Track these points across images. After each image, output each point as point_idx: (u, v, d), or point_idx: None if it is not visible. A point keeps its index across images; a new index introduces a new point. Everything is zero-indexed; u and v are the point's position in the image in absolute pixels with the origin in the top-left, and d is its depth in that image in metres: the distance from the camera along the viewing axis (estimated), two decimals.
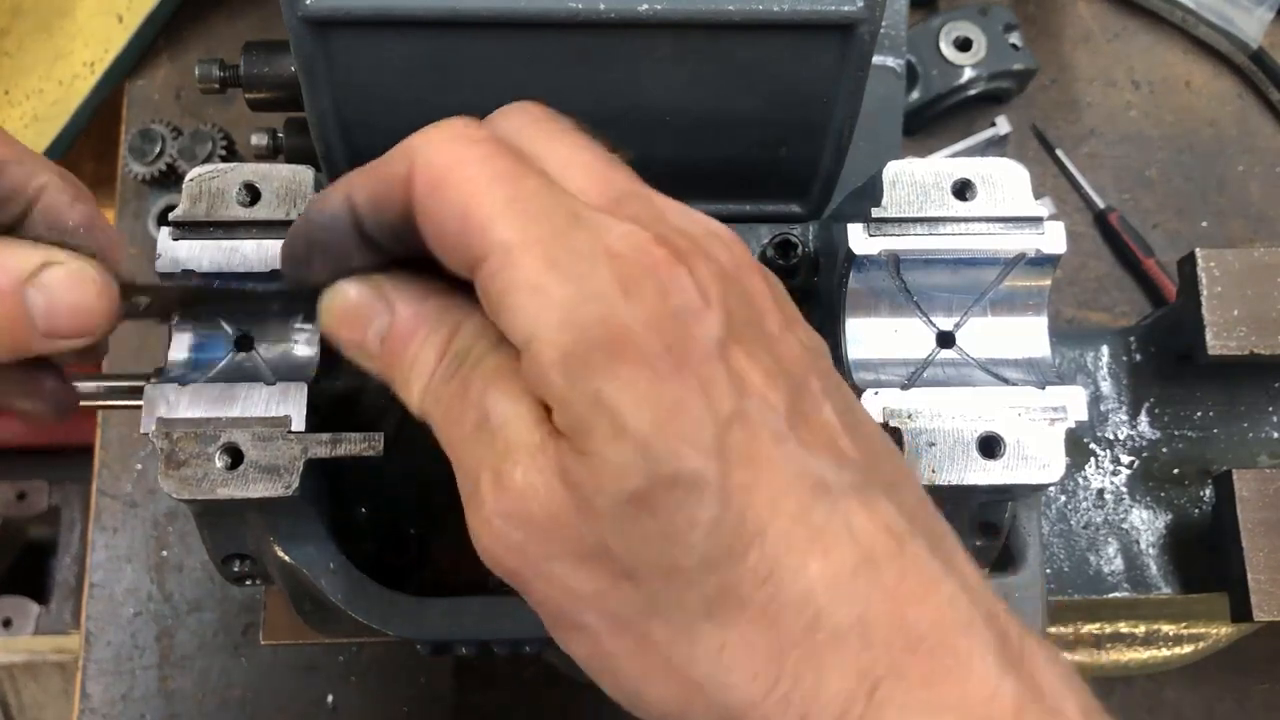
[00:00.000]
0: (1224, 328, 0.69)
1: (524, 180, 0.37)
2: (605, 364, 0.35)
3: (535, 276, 0.36)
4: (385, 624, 0.57)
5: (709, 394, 0.35)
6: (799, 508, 0.36)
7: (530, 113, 0.42)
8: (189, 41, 1.02)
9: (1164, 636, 0.83)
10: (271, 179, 0.51)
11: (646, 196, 0.40)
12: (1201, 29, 1.02)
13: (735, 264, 0.39)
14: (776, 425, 0.36)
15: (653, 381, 0.35)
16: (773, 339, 0.39)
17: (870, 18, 0.53)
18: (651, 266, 0.36)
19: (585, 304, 0.35)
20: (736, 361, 0.37)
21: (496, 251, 0.36)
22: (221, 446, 0.49)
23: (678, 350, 0.35)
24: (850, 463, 0.38)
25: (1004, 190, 0.52)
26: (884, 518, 0.37)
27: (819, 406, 0.39)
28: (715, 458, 0.35)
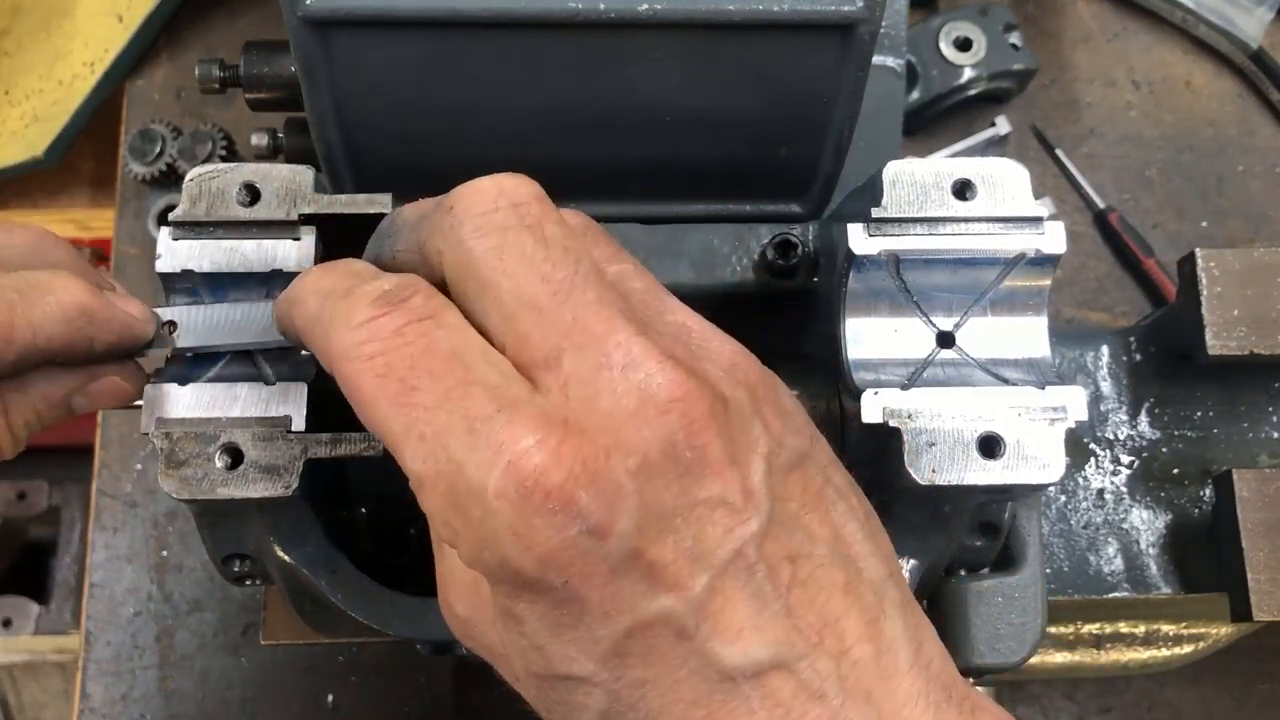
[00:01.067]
0: (1224, 328, 0.69)
1: (418, 395, 0.37)
2: (508, 592, 0.38)
3: (443, 513, 0.37)
4: (385, 624, 0.57)
5: (606, 613, 0.37)
6: (697, 696, 0.38)
7: (497, 218, 0.39)
8: (189, 41, 1.02)
9: (1164, 636, 0.83)
10: (271, 179, 0.51)
11: (593, 340, 0.38)
12: (1201, 29, 1.02)
13: (673, 424, 0.37)
14: (684, 621, 0.37)
15: (551, 604, 0.37)
16: (707, 513, 0.38)
17: (870, 18, 0.53)
18: (540, 500, 0.36)
19: (484, 548, 0.37)
20: (648, 563, 0.37)
21: (410, 472, 0.38)
22: (221, 446, 0.49)
23: (575, 579, 0.36)
24: (769, 643, 0.38)
25: (1004, 190, 0.52)
26: (795, 694, 0.38)
27: (747, 580, 0.38)
28: (607, 664, 0.38)
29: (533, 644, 0.38)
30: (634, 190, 0.62)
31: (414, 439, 0.37)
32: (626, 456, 0.36)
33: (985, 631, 0.61)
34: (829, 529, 0.41)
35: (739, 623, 0.38)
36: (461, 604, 0.42)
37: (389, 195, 0.50)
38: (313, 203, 0.51)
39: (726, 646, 0.37)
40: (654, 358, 0.37)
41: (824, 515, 0.41)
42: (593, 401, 0.37)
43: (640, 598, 0.37)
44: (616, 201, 0.62)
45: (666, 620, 0.37)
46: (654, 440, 0.37)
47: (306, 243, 0.50)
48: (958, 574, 0.62)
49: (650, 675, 0.38)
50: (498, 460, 0.36)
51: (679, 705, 0.38)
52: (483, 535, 0.36)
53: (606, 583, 0.37)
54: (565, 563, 0.36)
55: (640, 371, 0.37)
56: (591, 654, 0.38)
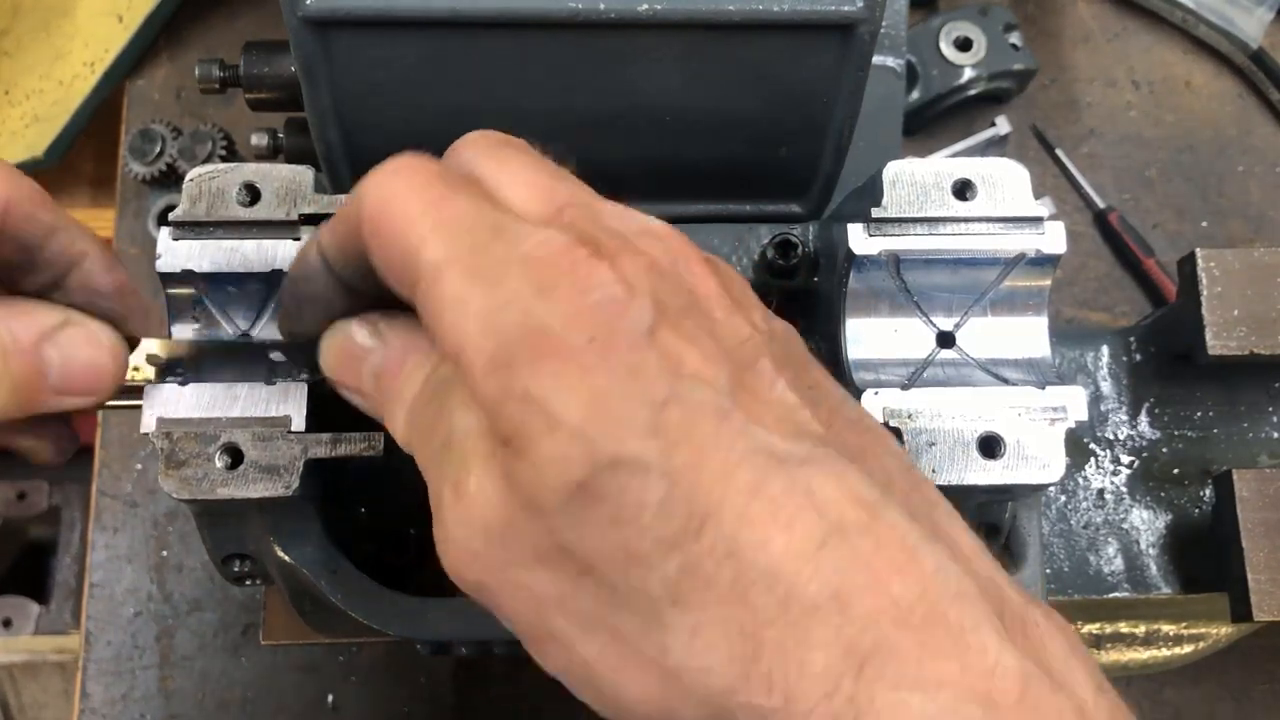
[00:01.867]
0: (1224, 328, 0.69)
1: (452, 202, 0.38)
2: (529, 363, 0.35)
3: (457, 290, 0.36)
4: (385, 624, 0.57)
5: (639, 379, 0.35)
6: (752, 482, 0.35)
7: (481, 140, 0.43)
8: (189, 41, 1.02)
9: (1164, 636, 0.83)
10: (271, 179, 0.51)
11: (586, 204, 0.40)
12: (1201, 29, 1.02)
13: (671, 256, 0.39)
14: (718, 402, 0.36)
15: (579, 373, 0.35)
16: (714, 323, 0.39)
17: (870, 18, 0.53)
18: (569, 266, 0.36)
19: (503, 309, 0.35)
20: (669, 346, 0.36)
21: (426, 272, 0.37)
22: (221, 446, 0.49)
23: (601, 340, 0.35)
24: (809, 435, 0.37)
25: (1004, 190, 0.52)
26: (850, 486, 0.36)
27: (770, 383, 0.38)
28: (654, 438, 0.34)
29: (570, 429, 0.34)
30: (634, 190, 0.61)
31: (440, 233, 0.37)
32: (637, 255, 0.37)
33: None
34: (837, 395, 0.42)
35: (774, 416, 0.37)
36: (474, 474, 0.37)
37: None
38: (313, 203, 0.51)
39: (769, 434, 0.36)
40: (639, 216, 0.41)
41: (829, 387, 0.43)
42: (602, 219, 0.39)
43: (667, 374, 0.35)
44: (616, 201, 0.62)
45: (701, 399, 0.35)
46: (659, 252, 0.39)
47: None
48: None
49: (700, 457, 0.35)
50: (522, 238, 0.37)
51: (736, 495, 0.34)
52: (504, 296, 0.36)
53: (630, 350, 0.35)
54: (590, 322, 0.35)
55: (634, 216, 0.41)
56: (634, 426, 0.34)
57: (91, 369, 0.48)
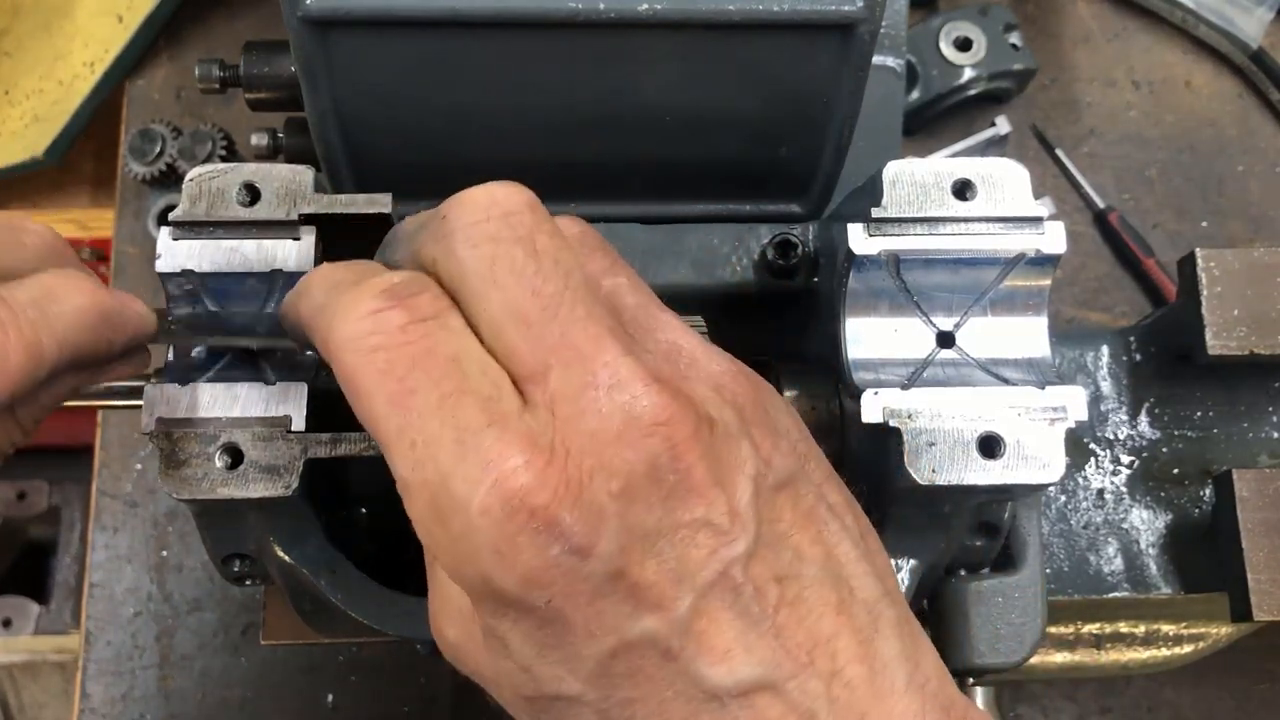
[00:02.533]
0: (1224, 328, 0.69)
1: (414, 398, 0.37)
2: (490, 611, 0.38)
3: (426, 519, 0.38)
4: (385, 624, 0.57)
5: (590, 633, 0.37)
6: (684, 715, 0.38)
7: (492, 230, 0.39)
8: (189, 41, 1.02)
9: (1164, 636, 0.83)
10: (271, 179, 0.51)
11: (580, 358, 0.37)
12: (1201, 29, 1.02)
13: (650, 463, 0.37)
14: (669, 642, 0.37)
15: (534, 624, 0.37)
16: (691, 533, 0.38)
17: (870, 18, 0.53)
18: (524, 520, 0.36)
19: (466, 565, 0.37)
20: (631, 583, 0.37)
21: (399, 474, 0.38)
22: (221, 446, 0.49)
23: (558, 598, 0.36)
24: (755, 662, 0.38)
25: (1004, 190, 0.52)
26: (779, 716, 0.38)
27: (733, 600, 0.38)
28: (594, 684, 0.38)
29: (519, 665, 0.38)
30: (634, 190, 0.62)
31: (405, 444, 0.37)
32: (610, 479, 0.36)
33: (985, 631, 0.61)
34: (821, 548, 0.41)
35: (725, 643, 0.38)
36: (452, 628, 0.42)
37: (389, 195, 0.50)
38: (313, 203, 0.51)
39: (712, 667, 0.37)
40: (640, 379, 0.37)
41: (815, 534, 0.41)
42: (578, 421, 0.37)
43: (624, 618, 0.37)
44: (616, 201, 0.62)
45: (651, 641, 0.37)
46: (637, 462, 0.37)
47: (306, 243, 0.50)
48: (957, 574, 0.62)
49: (638, 695, 0.38)
50: (484, 477, 0.36)
51: None
52: (465, 550, 0.37)
53: (589, 603, 0.37)
54: (547, 582, 0.36)
55: (626, 393, 0.37)
56: (578, 673, 0.38)
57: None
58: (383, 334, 0.38)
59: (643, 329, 0.41)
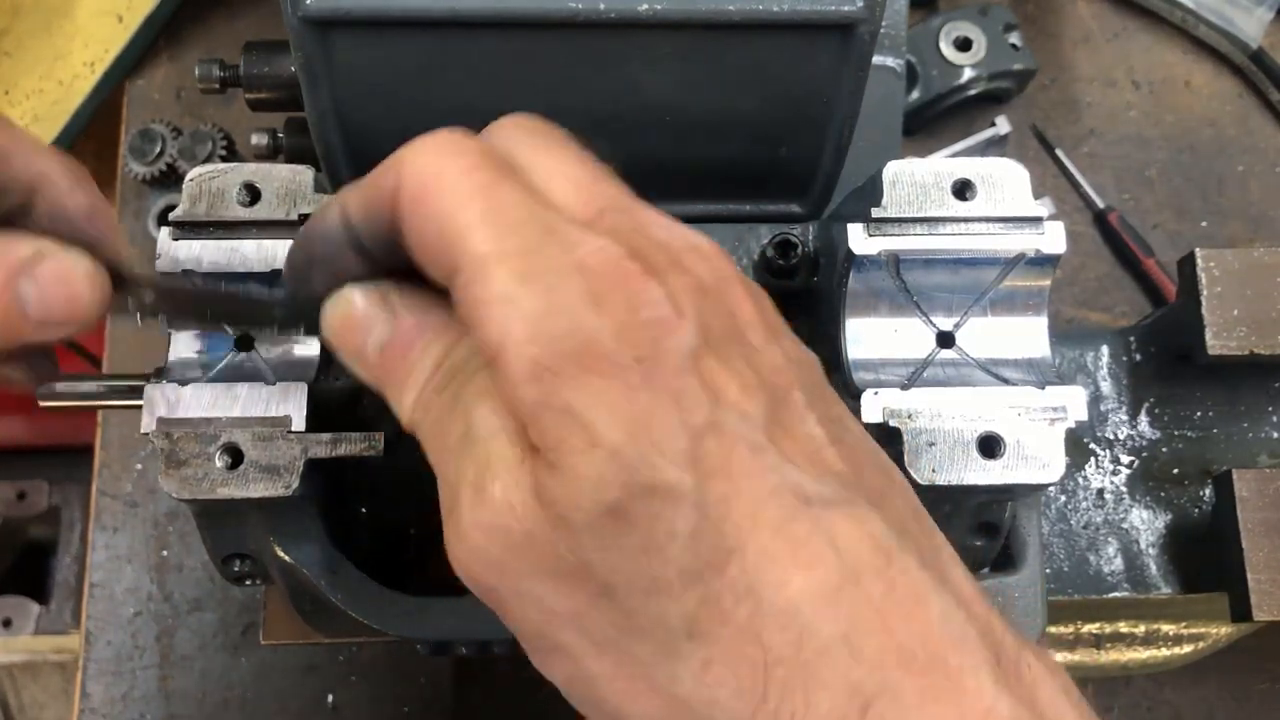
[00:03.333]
0: (1224, 328, 0.69)
1: (502, 193, 0.37)
2: (575, 375, 0.35)
3: (506, 289, 0.35)
4: (385, 624, 0.57)
5: (682, 405, 0.35)
6: (779, 520, 0.35)
7: (523, 125, 0.42)
8: (189, 41, 1.02)
9: (1164, 636, 0.83)
10: (271, 179, 0.51)
11: (629, 209, 0.40)
12: (1201, 29, 1.02)
13: (716, 277, 0.39)
14: (754, 436, 0.36)
15: (624, 392, 0.34)
16: (753, 351, 0.38)
17: (870, 18, 0.53)
18: (622, 279, 0.36)
19: (554, 316, 0.35)
20: (711, 373, 0.36)
21: (471, 263, 0.36)
22: (221, 446, 0.49)
23: (649, 361, 0.35)
24: (835, 475, 0.38)
25: (1004, 190, 0.52)
26: (870, 531, 0.36)
27: (802, 418, 0.38)
28: (691, 468, 0.35)
29: (610, 449, 0.34)
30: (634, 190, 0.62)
31: (489, 223, 0.36)
32: (685, 274, 0.37)
33: None
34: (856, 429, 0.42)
35: (804, 454, 0.37)
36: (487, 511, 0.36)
37: None
38: (313, 203, 0.51)
39: (799, 472, 0.36)
40: (673, 223, 0.40)
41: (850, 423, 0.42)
42: (648, 230, 0.39)
43: (707, 405, 0.36)
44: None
45: (738, 431, 0.36)
46: (704, 272, 0.38)
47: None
48: None
49: (733, 489, 0.35)
50: (575, 244, 0.36)
51: (763, 533, 0.35)
52: (556, 302, 0.35)
53: (677, 374, 0.35)
54: (640, 340, 0.35)
55: (679, 229, 0.40)
56: (673, 453, 0.34)
57: (69, 300, 0.45)
58: (462, 147, 0.38)
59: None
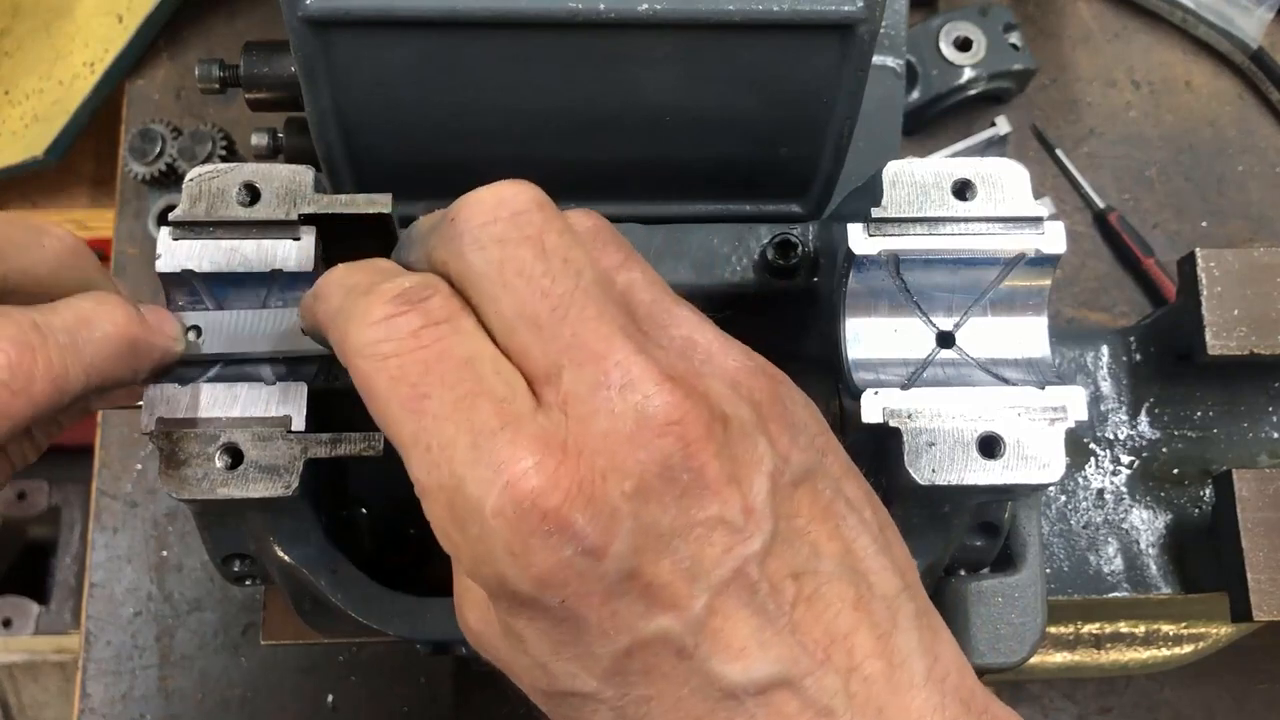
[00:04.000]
0: (1224, 328, 0.69)
1: (428, 403, 0.38)
2: (507, 609, 0.38)
3: (443, 523, 0.38)
4: (385, 624, 0.57)
5: (605, 631, 0.37)
6: (699, 716, 0.38)
7: (493, 232, 0.39)
8: (189, 41, 1.02)
9: (1164, 636, 0.83)
10: (271, 179, 0.51)
11: (590, 357, 0.38)
12: (1201, 29, 1.02)
13: (670, 446, 0.37)
14: (683, 640, 0.37)
15: (550, 623, 0.38)
16: (705, 532, 0.38)
17: (870, 18, 0.53)
18: (537, 521, 0.36)
19: (481, 565, 0.37)
20: (645, 584, 0.37)
21: (415, 477, 0.38)
22: (221, 446, 0.49)
23: (572, 598, 0.37)
24: (771, 659, 0.38)
25: (1004, 190, 0.52)
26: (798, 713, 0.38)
27: (748, 599, 0.38)
28: (609, 681, 0.38)
29: (535, 661, 0.39)
30: (634, 190, 0.62)
31: (421, 449, 0.38)
32: (623, 480, 0.36)
33: (985, 631, 0.61)
34: (838, 543, 0.40)
35: (740, 641, 0.38)
36: (473, 617, 0.42)
37: (389, 195, 0.50)
38: (313, 203, 0.51)
39: (728, 665, 0.37)
40: (652, 378, 0.37)
41: (833, 530, 0.40)
42: (590, 421, 0.37)
43: (638, 618, 0.37)
44: (617, 201, 0.62)
45: (665, 640, 0.37)
46: (650, 463, 0.37)
47: (306, 243, 0.50)
48: (958, 574, 0.62)
49: (653, 693, 0.38)
50: (497, 480, 0.36)
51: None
52: (480, 552, 0.37)
53: (604, 603, 0.37)
54: (561, 582, 0.36)
55: (638, 392, 0.37)
56: (593, 671, 0.38)
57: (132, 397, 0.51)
58: (395, 340, 0.38)
59: (657, 325, 0.41)
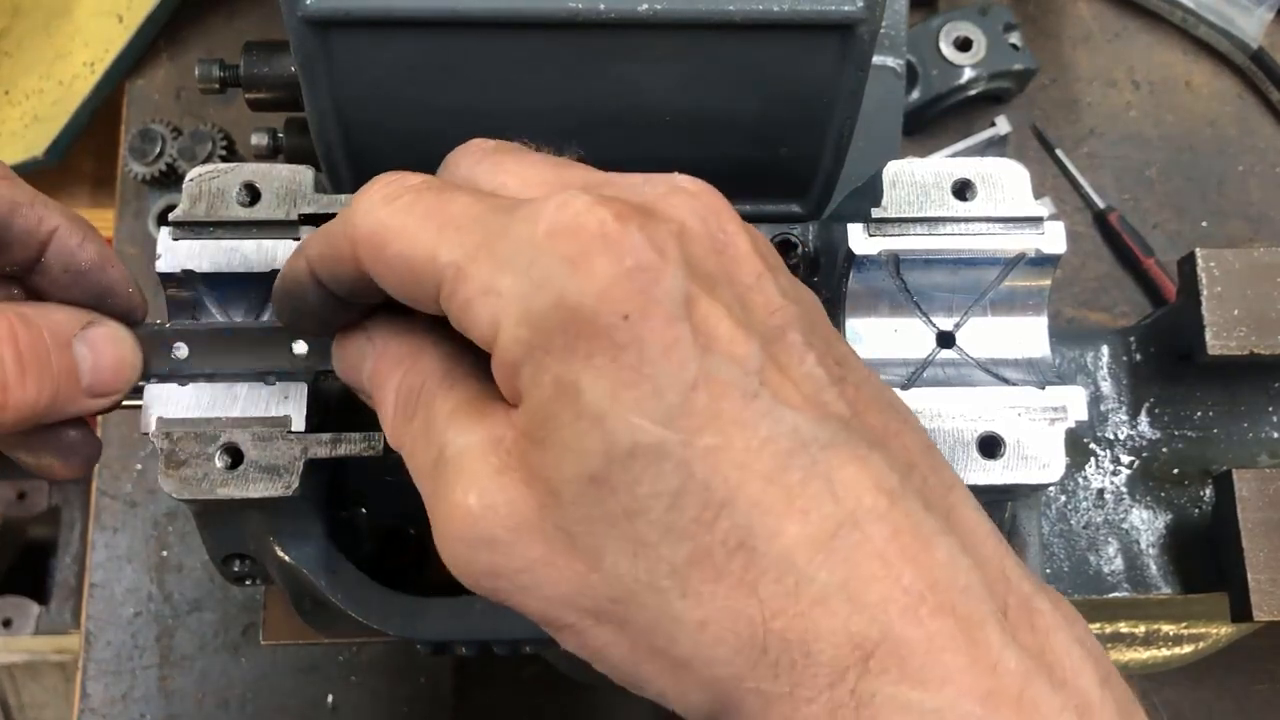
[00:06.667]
0: (1224, 328, 0.69)
1: (451, 203, 0.37)
2: (563, 347, 0.35)
3: (485, 281, 0.36)
4: (385, 624, 0.57)
5: (670, 358, 0.34)
6: (772, 468, 0.34)
7: (470, 149, 0.42)
8: (189, 41, 1.02)
9: (1164, 636, 0.83)
10: (271, 179, 0.51)
11: (593, 175, 0.40)
12: (1201, 29, 1.02)
13: (702, 214, 0.38)
14: (746, 382, 0.35)
15: (610, 354, 0.34)
16: (747, 289, 0.38)
17: (870, 18, 0.53)
18: (595, 233, 0.35)
19: (536, 293, 0.35)
20: (702, 316, 0.35)
21: (447, 274, 0.36)
22: (221, 446, 0.49)
23: (635, 315, 0.34)
24: (834, 416, 0.36)
25: (1004, 190, 0.52)
26: (871, 473, 0.35)
27: (800, 358, 0.37)
28: (675, 425, 0.34)
29: (593, 417, 0.34)
30: None
31: (449, 234, 0.36)
32: (667, 220, 0.36)
33: None
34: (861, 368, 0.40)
35: (801, 395, 0.36)
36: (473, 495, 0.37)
37: None
38: (313, 203, 0.51)
39: (796, 414, 0.35)
40: (649, 176, 0.39)
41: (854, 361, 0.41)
42: (616, 183, 0.38)
43: (701, 351, 0.35)
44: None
45: (730, 379, 0.35)
46: (689, 214, 0.37)
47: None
48: None
49: (722, 441, 0.34)
50: (545, 205, 0.35)
51: (754, 483, 0.34)
52: (534, 279, 0.34)
53: (666, 325, 0.34)
54: (624, 295, 0.34)
55: (659, 177, 0.39)
56: (657, 412, 0.34)
57: (118, 366, 0.48)
58: (400, 188, 0.38)
59: None
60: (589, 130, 0.57)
